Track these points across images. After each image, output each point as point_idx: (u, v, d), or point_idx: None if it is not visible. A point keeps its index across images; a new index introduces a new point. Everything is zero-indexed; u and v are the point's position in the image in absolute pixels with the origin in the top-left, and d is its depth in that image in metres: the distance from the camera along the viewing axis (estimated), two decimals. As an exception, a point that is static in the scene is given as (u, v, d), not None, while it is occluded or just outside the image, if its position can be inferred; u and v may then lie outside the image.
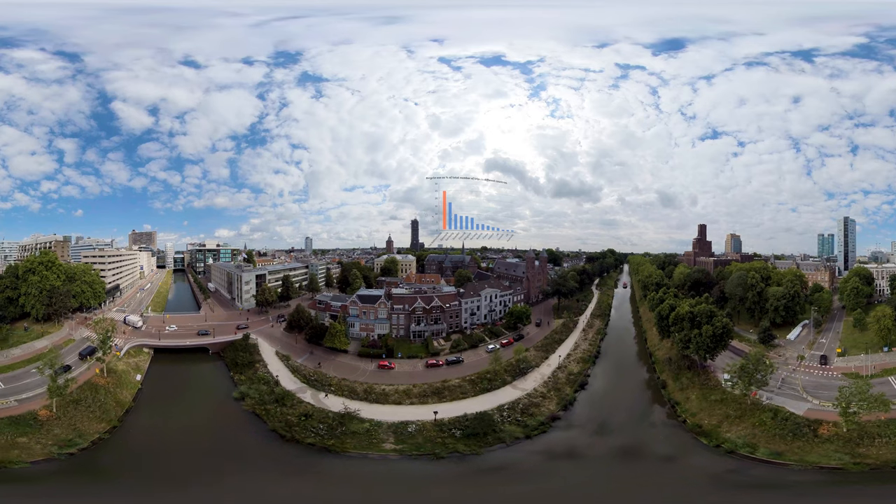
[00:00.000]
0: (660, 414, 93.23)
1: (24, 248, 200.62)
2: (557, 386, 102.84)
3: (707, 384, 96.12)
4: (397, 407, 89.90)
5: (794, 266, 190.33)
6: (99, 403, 78.13)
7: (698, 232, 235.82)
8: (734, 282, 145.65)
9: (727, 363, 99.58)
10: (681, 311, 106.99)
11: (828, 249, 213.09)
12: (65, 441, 68.91)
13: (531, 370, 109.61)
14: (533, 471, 73.32)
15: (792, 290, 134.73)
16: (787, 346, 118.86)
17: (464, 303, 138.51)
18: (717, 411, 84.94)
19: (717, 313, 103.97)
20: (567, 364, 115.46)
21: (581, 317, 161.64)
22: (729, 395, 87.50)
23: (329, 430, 78.46)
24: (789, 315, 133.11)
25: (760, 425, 77.44)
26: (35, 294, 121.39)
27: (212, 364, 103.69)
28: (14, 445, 66.58)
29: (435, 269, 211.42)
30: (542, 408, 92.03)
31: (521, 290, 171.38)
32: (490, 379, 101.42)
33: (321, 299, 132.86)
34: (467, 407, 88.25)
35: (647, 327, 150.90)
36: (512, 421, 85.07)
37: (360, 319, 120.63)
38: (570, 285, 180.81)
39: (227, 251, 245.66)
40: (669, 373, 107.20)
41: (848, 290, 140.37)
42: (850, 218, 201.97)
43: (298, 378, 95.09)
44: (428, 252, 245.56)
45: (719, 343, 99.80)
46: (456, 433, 79.95)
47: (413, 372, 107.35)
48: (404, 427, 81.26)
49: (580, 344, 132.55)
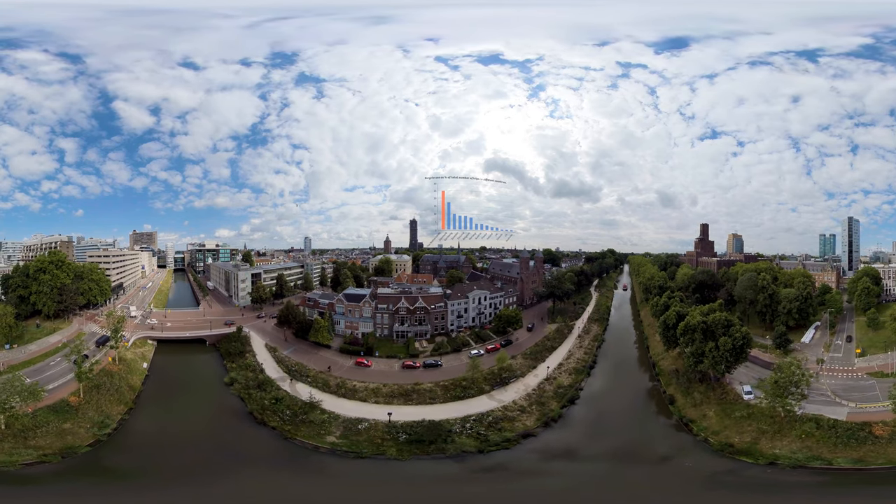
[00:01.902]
0: (670, 433, 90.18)
1: (28, 248, 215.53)
2: (542, 399, 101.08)
3: (725, 399, 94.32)
4: (362, 404, 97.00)
5: (800, 267, 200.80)
6: (115, 388, 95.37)
7: (700, 232, 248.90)
8: (744, 284, 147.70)
9: (748, 375, 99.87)
10: (691, 321, 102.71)
11: (829, 249, 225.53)
12: (98, 423, 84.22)
13: (514, 380, 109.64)
14: (434, 484, 74.56)
15: (804, 291, 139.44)
16: (804, 349, 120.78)
17: (450, 304, 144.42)
18: (746, 428, 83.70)
19: (734, 322, 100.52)
20: (557, 375, 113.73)
21: (577, 321, 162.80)
22: (756, 409, 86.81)
23: (293, 416, 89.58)
24: (801, 317, 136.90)
25: (808, 437, 77.61)
26: (46, 292, 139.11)
27: (208, 354, 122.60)
28: (66, 432, 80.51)
29: (430, 270, 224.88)
30: (516, 423, 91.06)
31: (513, 293, 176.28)
32: (465, 386, 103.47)
33: (310, 297, 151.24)
34: (431, 413, 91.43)
35: (648, 333, 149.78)
36: (472, 433, 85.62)
37: (345, 317, 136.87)
38: (565, 287, 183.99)
39: (226, 251, 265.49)
40: (677, 386, 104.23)
41: (859, 290, 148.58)
42: (855, 218, 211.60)
43: (281, 368, 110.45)
44: (425, 252, 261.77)
45: (739, 356, 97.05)
46: (401, 437, 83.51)
47: (388, 371, 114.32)
48: (356, 423, 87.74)
49: (574, 352, 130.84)
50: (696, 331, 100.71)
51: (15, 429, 78.23)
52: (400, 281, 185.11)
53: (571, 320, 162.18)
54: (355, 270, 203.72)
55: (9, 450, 74.03)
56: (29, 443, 76.43)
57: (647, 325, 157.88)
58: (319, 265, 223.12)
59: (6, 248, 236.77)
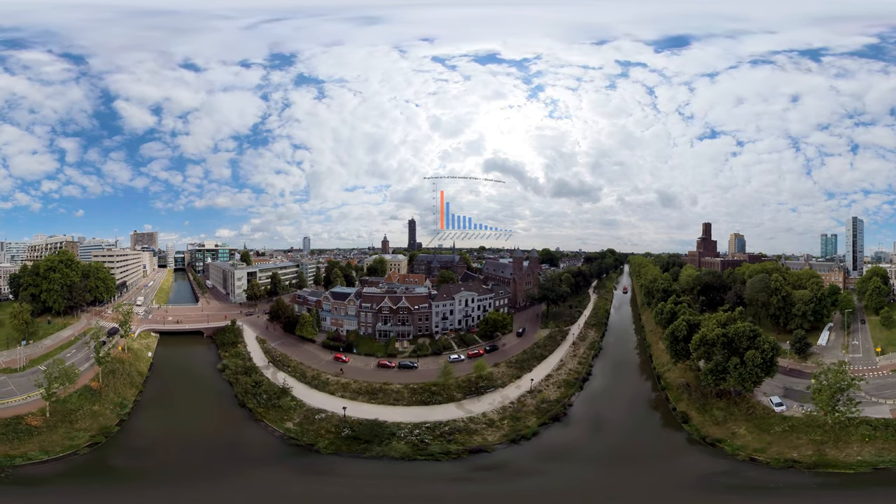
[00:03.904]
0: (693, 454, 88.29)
1: (33, 248, 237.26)
2: (518, 414, 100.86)
3: (753, 414, 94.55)
4: (329, 396, 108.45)
5: (807, 267, 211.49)
6: (127, 373, 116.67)
7: (703, 231, 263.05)
8: (755, 286, 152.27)
9: (770, 384, 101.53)
10: (708, 334, 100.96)
11: (831, 250, 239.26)
12: (118, 404, 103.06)
13: (492, 390, 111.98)
14: (315, 479, 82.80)
15: (818, 293, 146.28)
16: (822, 352, 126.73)
17: (434, 306, 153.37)
18: (796, 441, 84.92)
19: (760, 332, 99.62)
20: (543, 387, 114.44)
21: (573, 326, 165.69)
22: (797, 420, 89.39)
23: (267, 399, 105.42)
24: (816, 319, 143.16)
25: (873, 439, 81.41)
26: (57, 290, 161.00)
27: (205, 345, 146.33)
28: (97, 413, 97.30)
29: (423, 270, 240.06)
30: (474, 436, 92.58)
31: (504, 294, 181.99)
32: (434, 392, 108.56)
33: (300, 294, 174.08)
34: (388, 413, 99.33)
35: (651, 340, 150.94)
36: (413, 440, 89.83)
37: (331, 314, 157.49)
38: (559, 290, 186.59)
39: (224, 251, 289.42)
40: (690, 402, 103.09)
41: (869, 289, 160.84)
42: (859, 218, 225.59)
43: (267, 357, 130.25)
44: (421, 252, 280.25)
45: (770, 369, 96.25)
46: (345, 432, 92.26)
47: (363, 369, 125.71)
48: (316, 414, 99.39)
49: (567, 362, 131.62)
50: (714, 345, 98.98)
51: (60, 415, 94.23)
52: (390, 281, 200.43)
53: (566, 325, 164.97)
54: (346, 270, 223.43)
55: (65, 434, 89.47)
56: (75, 426, 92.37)
57: (650, 332, 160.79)
58: (315, 265, 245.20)
59: (10, 249, 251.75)
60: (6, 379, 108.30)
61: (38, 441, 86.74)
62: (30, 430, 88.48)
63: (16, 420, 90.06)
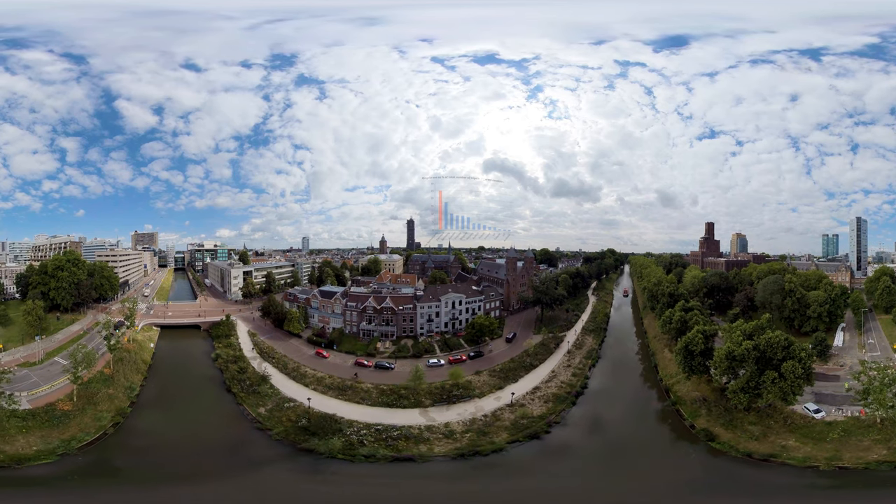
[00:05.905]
0: (745, 474, 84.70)
1: (36, 248, 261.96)
2: (488, 429, 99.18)
3: (794, 423, 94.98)
4: (303, 388, 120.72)
5: (813, 267, 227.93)
6: (133, 361, 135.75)
7: (706, 231, 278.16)
8: (768, 288, 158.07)
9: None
10: (735, 349, 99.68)
11: (832, 250, 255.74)
12: (128, 388, 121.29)
13: (466, 400, 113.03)
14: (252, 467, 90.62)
15: (832, 294, 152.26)
16: (840, 353, 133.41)
17: (419, 307, 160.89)
18: (860, 444, 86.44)
19: (793, 341, 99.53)
20: (528, 401, 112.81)
21: (569, 332, 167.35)
22: (844, 424, 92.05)
23: (249, 385, 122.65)
24: (831, 321, 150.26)
25: None
26: (65, 287, 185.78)
27: (201, 337, 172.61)
28: (112, 396, 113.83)
29: (418, 270, 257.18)
30: (421, 445, 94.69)
31: (497, 297, 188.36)
32: (402, 395, 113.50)
33: (291, 292, 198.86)
34: (348, 410, 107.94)
35: (655, 348, 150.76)
36: (352, 440, 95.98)
37: (319, 311, 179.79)
38: (554, 293, 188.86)
39: (223, 251, 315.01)
40: (711, 418, 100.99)
41: (879, 289, 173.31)
42: (863, 218, 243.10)
43: (256, 349, 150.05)
44: (417, 252, 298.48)
45: (809, 378, 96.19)
46: (301, 422, 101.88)
47: (340, 365, 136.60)
48: (285, 402, 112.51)
49: (559, 373, 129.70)
50: (745, 360, 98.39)
51: (84, 399, 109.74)
52: (381, 280, 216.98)
53: (561, 331, 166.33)
54: (338, 269, 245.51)
55: (94, 416, 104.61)
56: (99, 408, 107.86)
57: (654, 338, 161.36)
58: (310, 264, 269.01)
59: (13, 249, 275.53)
60: (28, 372, 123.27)
61: (77, 423, 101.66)
62: (66, 415, 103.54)
63: (51, 407, 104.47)
